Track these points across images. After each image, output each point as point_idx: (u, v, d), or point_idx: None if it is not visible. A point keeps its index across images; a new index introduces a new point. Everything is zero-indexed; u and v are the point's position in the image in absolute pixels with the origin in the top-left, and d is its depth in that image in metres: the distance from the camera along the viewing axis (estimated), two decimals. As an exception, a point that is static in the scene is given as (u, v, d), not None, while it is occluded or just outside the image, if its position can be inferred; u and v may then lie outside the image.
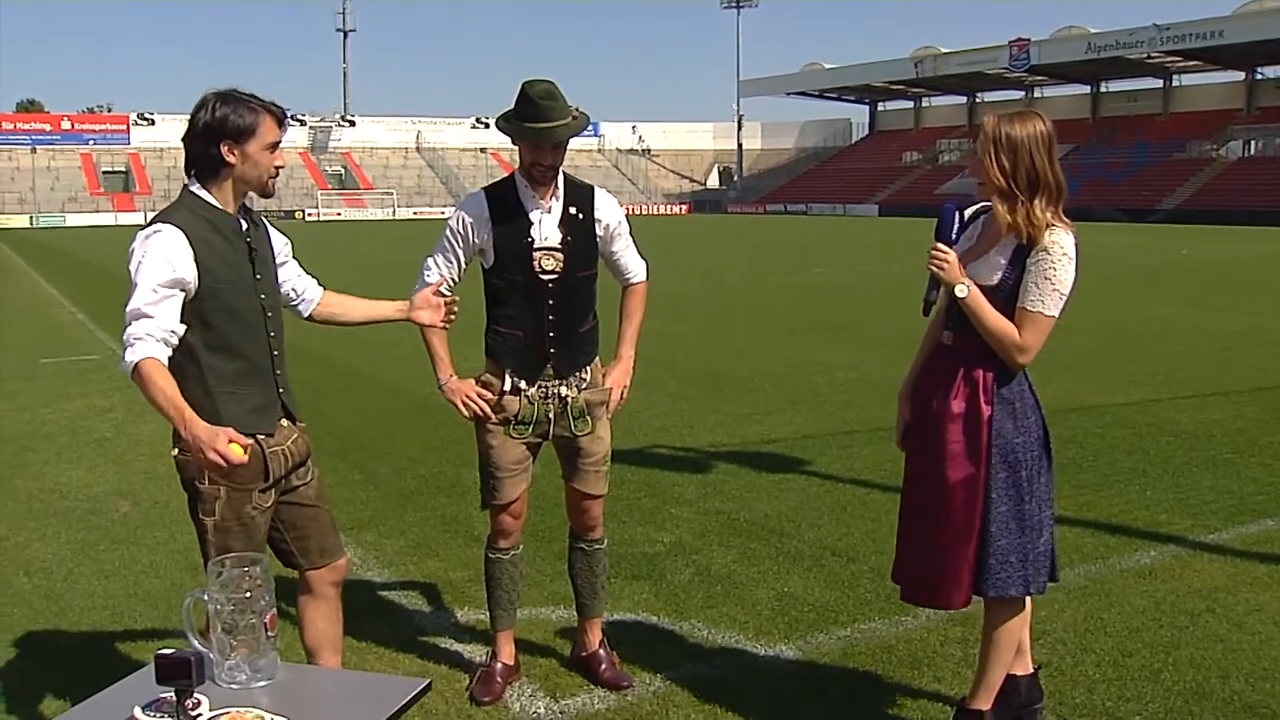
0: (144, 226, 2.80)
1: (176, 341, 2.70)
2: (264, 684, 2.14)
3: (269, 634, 2.15)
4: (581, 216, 3.51)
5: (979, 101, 78.80)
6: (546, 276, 3.46)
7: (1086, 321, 11.93)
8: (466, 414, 3.56)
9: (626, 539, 5.20)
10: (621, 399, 3.71)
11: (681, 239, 38.46)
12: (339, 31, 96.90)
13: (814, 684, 3.73)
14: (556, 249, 3.46)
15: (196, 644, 2.15)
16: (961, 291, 2.95)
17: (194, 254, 2.73)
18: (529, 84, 3.33)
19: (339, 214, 75.44)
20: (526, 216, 3.45)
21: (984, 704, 3.17)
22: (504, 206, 3.47)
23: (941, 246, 2.99)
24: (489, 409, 3.53)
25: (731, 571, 4.81)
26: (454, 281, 3.57)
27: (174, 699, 1.98)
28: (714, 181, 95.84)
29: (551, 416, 3.56)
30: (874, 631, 4.12)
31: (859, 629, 4.16)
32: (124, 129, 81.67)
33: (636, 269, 3.73)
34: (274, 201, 65.04)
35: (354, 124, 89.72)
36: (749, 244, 35.84)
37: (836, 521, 5.51)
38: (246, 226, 2.90)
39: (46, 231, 57.72)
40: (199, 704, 1.99)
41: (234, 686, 2.12)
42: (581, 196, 3.54)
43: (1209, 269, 23.15)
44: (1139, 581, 4.59)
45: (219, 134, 2.76)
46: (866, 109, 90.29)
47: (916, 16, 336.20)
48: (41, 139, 78.38)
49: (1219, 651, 3.88)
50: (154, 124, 80.00)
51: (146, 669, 2.10)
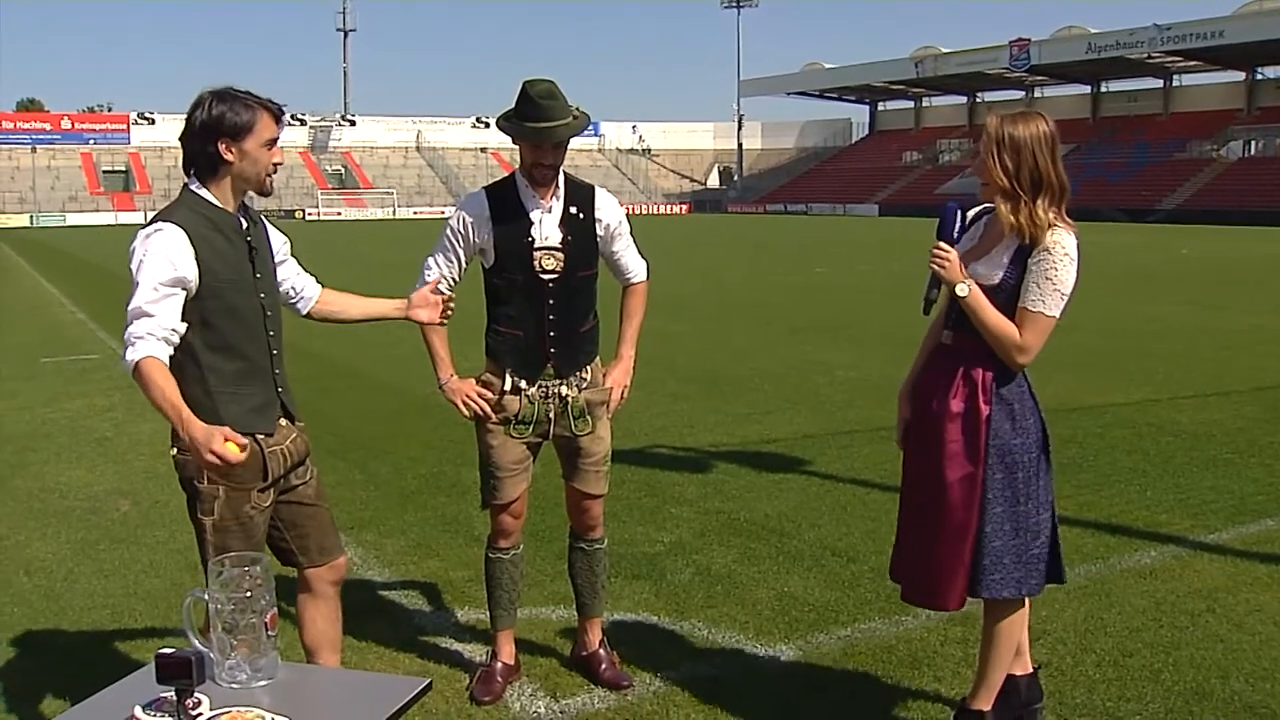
0: (144, 225, 2.80)
1: (178, 340, 2.70)
2: (264, 683, 2.14)
3: (269, 633, 2.15)
4: (582, 216, 3.51)
5: (979, 101, 78.81)
6: (547, 276, 3.46)
7: (1086, 321, 11.93)
8: (467, 413, 3.56)
9: (627, 539, 5.20)
10: (622, 399, 3.71)
11: (682, 239, 38.45)
12: (339, 31, 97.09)
13: (814, 684, 3.73)
14: (557, 248, 3.46)
15: (197, 643, 2.15)
16: (962, 290, 2.95)
17: (195, 252, 2.72)
18: (529, 84, 3.33)
19: (339, 214, 75.43)
20: (527, 216, 3.45)
21: (984, 704, 3.18)
22: (504, 206, 3.47)
23: (943, 245, 2.99)
24: (489, 409, 3.53)
25: (732, 571, 4.81)
26: (454, 281, 3.57)
27: (174, 698, 1.98)
28: (714, 181, 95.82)
29: (552, 416, 3.56)
30: (874, 631, 4.12)
31: (859, 629, 4.16)
32: (124, 128, 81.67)
33: (637, 269, 3.73)
34: (274, 201, 65.16)
35: (354, 123, 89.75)
36: (749, 244, 35.83)
37: (837, 521, 5.51)
38: (246, 225, 2.89)
39: (46, 231, 57.74)
40: (199, 703, 1.99)
41: (234, 686, 2.12)
42: (582, 196, 3.54)
43: (1209, 269, 23.15)
44: (1139, 581, 4.59)
45: (216, 132, 2.75)
46: (867, 109, 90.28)
47: (917, 16, 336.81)
48: (42, 138, 78.41)
49: (1219, 652, 3.88)
50: (154, 123, 79.98)
51: (147, 668, 2.10)
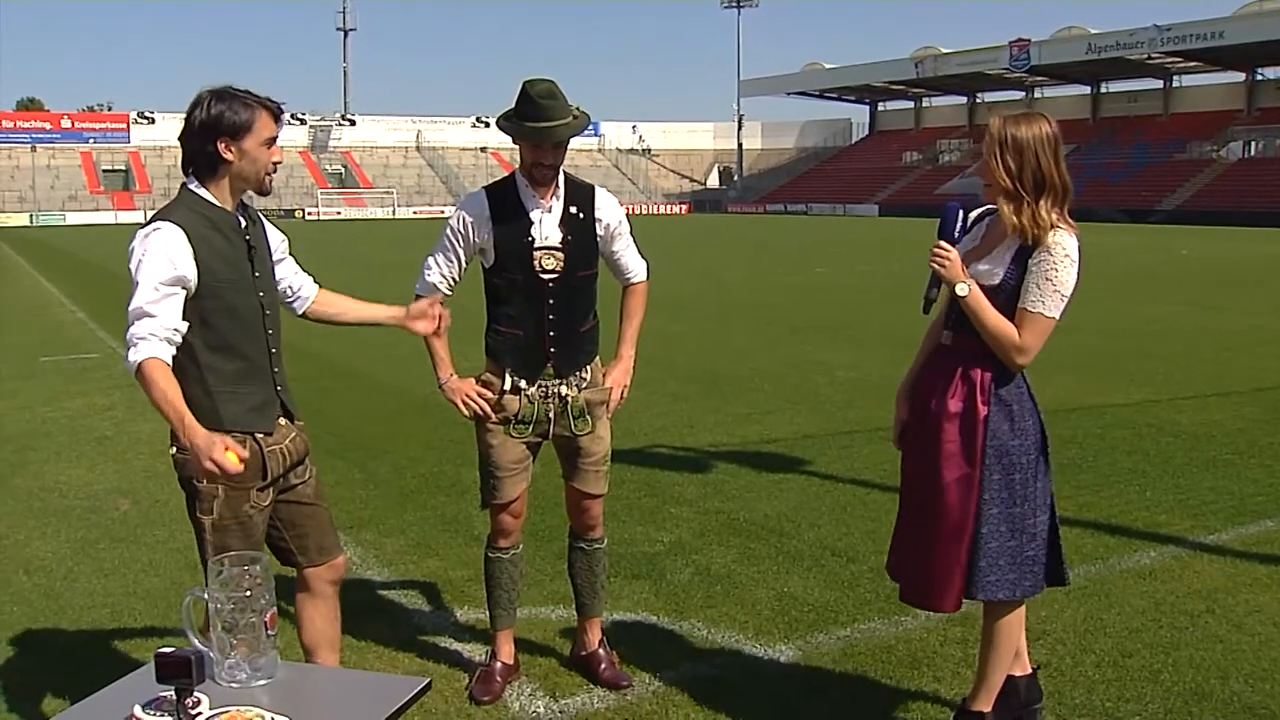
0: (143, 225, 2.79)
1: (180, 340, 2.70)
2: (264, 683, 2.14)
3: (269, 633, 2.15)
4: (582, 216, 3.51)
5: (979, 102, 78.86)
6: (547, 276, 3.46)
7: (1086, 321, 11.93)
8: (466, 413, 3.56)
9: (626, 538, 5.20)
10: (622, 398, 3.71)
11: (682, 239, 38.45)
12: (339, 31, 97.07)
13: (814, 684, 3.73)
14: (557, 248, 3.46)
15: (196, 642, 2.15)
16: (962, 290, 2.95)
17: (194, 252, 2.72)
18: (530, 83, 3.33)
19: (339, 213, 75.43)
20: (527, 216, 3.45)
21: (984, 705, 3.17)
22: (505, 206, 3.47)
23: (944, 244, 2.99)
24: (489, 408, 3.53)
25: (731, 571, 4.81)
26: (454, 280, 3.58)
27: (174, 697, 1.98)
28: (714, 181, 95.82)
29: (551, 416, 3.56)
30: (874, 631, 4.12)
31: (859, 629, 4.16)
32: (124, 127, 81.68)
33: (637, 269, 3.73)
34: (274, 200, 65.16)
35: (354, 123, 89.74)
36: (749, 244, 35.83)
37: (836, 521, 5.51)
38: (245, 224, 2.89)
39: (46, 230, 57.74)
40: (199, 703, 1.99)
41: (234, 685, 2.12)
42: (582, 196, 3.53)
43: (1209, 269, 23.15)
44: (1139, 582, 4.59)
45: (215, 131, 2.75)
46: (867, 109, 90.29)
47: (917, 16, 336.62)
48: (42, 137, 78.41)
49: (1219, 652, 3.88)
50: (154, 122, 79.96)
51: (146, 667, 2.09)
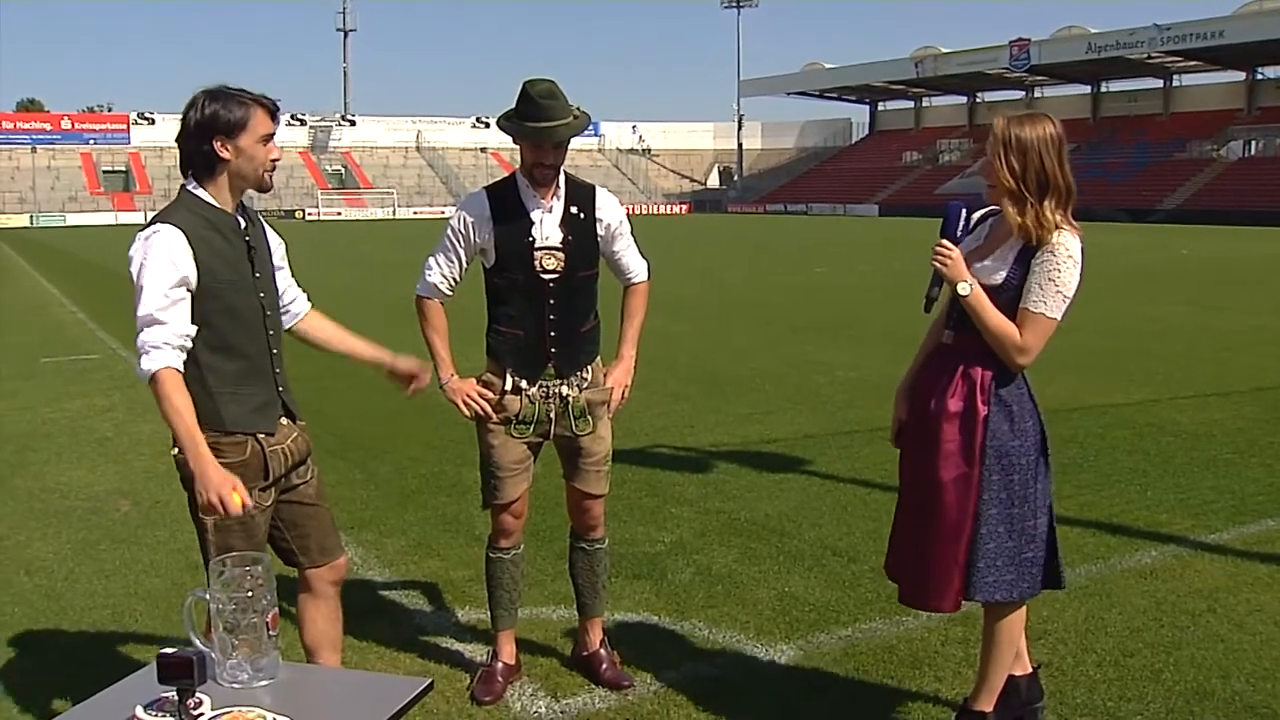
0: (143, 228, 2.79)
1: (190, 345, 2.71)
2: (266, 683, 2.14)
3: (271, 633, 2.15)
4: (583, 216, 3.51)
5: (979, 101, 78.82)
6: (547, 276, 3.46)
7: (1087, 321, 11.92)
8: (467, 413, 3.56)
9: (627, 538, 5.20)
10: (623, 399, 3.71)
11: (682, 239, 38.45)
12: (339, 31, 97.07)
13: (815, 684, 3.73)
14: (558, 248, 3.46)
15: (198, 643, 2.15)
16: (964, 289, 2.95)
17: (194, 253, 2.72)
18: (530, 83, 3.33)
19: (339, 213, 75.41)
20: (528, 216, 3.45)
21: (986, 705, 3.17)
22: (505, 206, 3.47)
23: (946, 243, 2.99)
24: (490, 408, 3.53)
25: (732, 571, 4.81)
26: (455, 281, 3.58)
27: (176, 698, 1.97)
28: (714, 181, 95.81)
29: (552, 416, 3.56)
30: (875, 631, 4.12)
31: (860, 629, 4.16)
32: (124, 128, 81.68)
33: (638, 269, 3.73)
34: (274, 201, 65.28)
35: (354, 123, 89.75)
36: (749, 244, 35.83)
37: (837, 521, 5.51)
38: (244, 224, 2.89)
39: (47, 231, 57.74)
40: (201, 703, 1.99)
41: (236, 686, 2.12)
42: (583, 196, 3.53)
43: (1209, 269, 23.14)
44: (1140, 581, 4.59)
45: (210, 130, 2.75)
46: (867, 109, 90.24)
47: (917, 16, 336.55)
48: (42, 138, 78.41)
49: (1220, 651, 3.88)
50: (154, 123, 79.94)
51: (148, 668, 2.09)
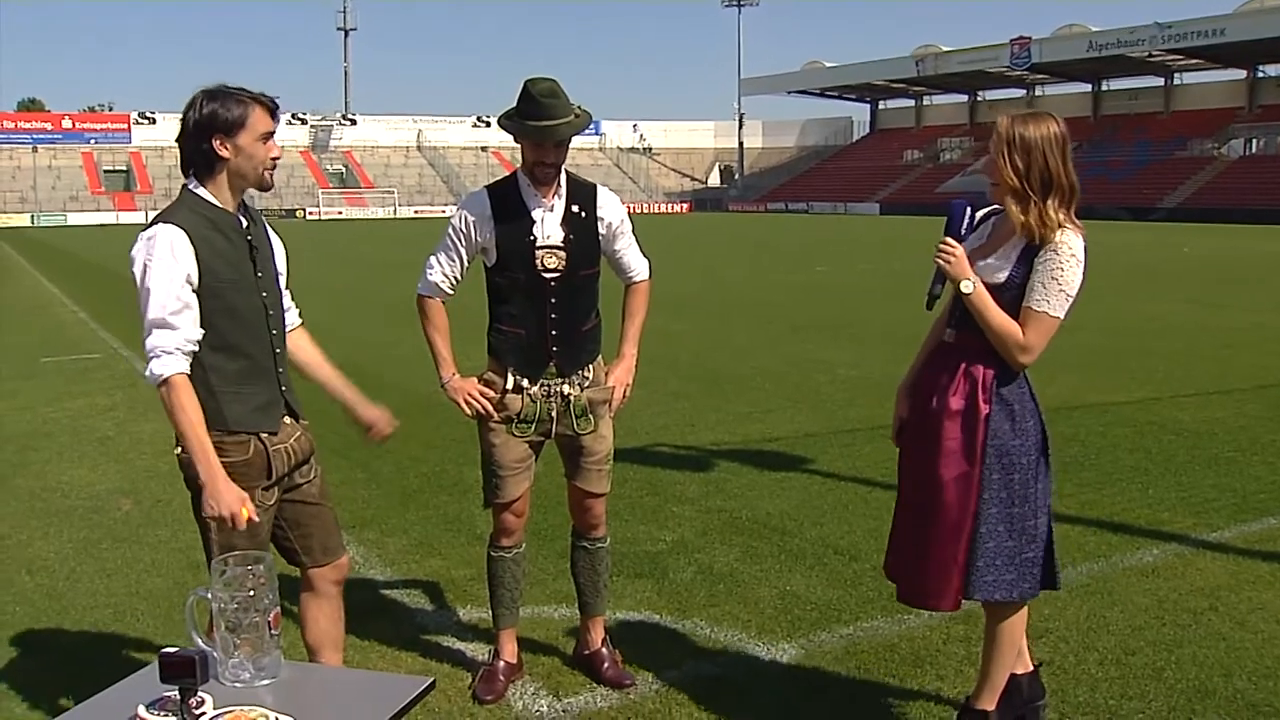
0: (145, 228, 2.79)
1: (197, 350, 2.72)
2: (268, 682, 2.14)
3: (273, 632, 2.15)
4: (584, 215, 3.51)
5: (980, 100, 78.81)
6: (549, 275, 3.46)
7: (1088, 320, 11.91)
8: (469, 412, 3.56)
9: (629, 537, 5.20)
10: (624, 397, 3.71)
11: (683, 237, 38.44)
12: (340, 30, 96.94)
13: (816, 683, 3.73)
14: (559, 247, 3.45)
15: (200, 642, 2.15)
16: (967, 287, 2.94)
17: (196, 253, 2.72)
18: (531, 82, 3.33)
19: (340, 213, 75.41)
20: (529, 215, 3.45)
21: (988, 704, 3.17)
22: (506, 205, 3.47)
23: (950, 241, 2.99)
24: (491, 407, 3.53)
25: (734, 570, 4.81)
26: (457, 280, 3.58)
27: (178, 697, 1.98)
28: (715, 180, 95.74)
29: (554, 415, 3.55)
30: (876, 630, 4.12)
31: (861, 627, 4.16)
32: (125, 128, 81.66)
33: (639, 267, 3.73)
34: (275, 200, 65.30)
35: (355, 123, 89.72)
36: (750, 242, 35.82)
37: (839, 520, 5.51)
38: (246, 224, 2.89)
39: (48, 230, 57.76)
40: (203, 703, 1.99)
41: (238, 685, 2.12)
42: (584, 195, 3.53)
43: (1210, 267, 23.14)
44: (1141, 580, 4.59)
45: (209, 129, 2.75)
46: (868, 107, 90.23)
47: (917, 15, 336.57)
48: (43, 138, 78.43)
49: (1222, 650, 3.88)
50: (155, 123, 79.89)
51: (150, 667, 2.10)
